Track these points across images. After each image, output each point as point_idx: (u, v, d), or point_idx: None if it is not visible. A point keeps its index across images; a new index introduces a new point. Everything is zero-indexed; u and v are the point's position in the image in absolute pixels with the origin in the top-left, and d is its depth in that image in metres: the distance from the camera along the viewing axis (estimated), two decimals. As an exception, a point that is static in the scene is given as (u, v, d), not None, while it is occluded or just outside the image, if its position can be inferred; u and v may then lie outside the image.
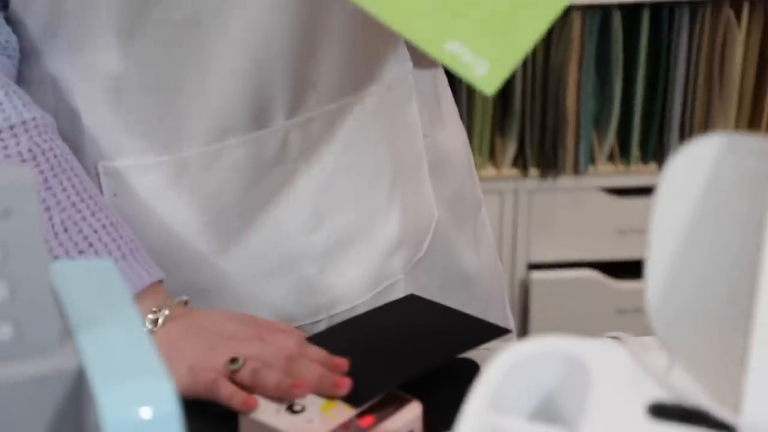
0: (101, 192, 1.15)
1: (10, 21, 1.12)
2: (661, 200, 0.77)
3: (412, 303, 1.14)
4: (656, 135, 2.02)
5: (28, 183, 0.66)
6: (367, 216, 1.23)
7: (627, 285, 2.27)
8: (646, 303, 0.79)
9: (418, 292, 1.23)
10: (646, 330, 0.79)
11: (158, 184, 1.16)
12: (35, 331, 0.69)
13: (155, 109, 1.14)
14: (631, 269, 2.24)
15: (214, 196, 1.17)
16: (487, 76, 0.84)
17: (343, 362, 0.98)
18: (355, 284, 1.24)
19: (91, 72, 1.13)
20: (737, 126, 1.86)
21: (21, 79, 1.15)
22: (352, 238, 1.22)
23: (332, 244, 1.21)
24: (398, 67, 1.25)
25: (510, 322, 1.46)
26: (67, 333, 0.71)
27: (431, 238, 1.30)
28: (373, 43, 1.21)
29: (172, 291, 1.08)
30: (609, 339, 0.83)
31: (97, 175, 1.15)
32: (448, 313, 1.10)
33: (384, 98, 1.23)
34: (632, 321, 1.07)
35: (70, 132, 1.14)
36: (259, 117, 1.15)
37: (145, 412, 0.66)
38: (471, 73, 0.84)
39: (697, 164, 0.76)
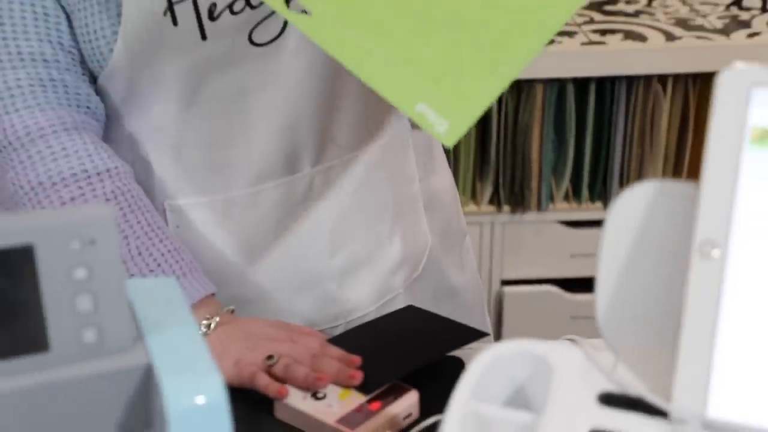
0: (167, 224, 1.15)
1: (98, 92, 1.13)
2: (607, 231, 0.77)
3: (410, 312, 1.14)
4: (601, 180, 2.03)
5: (108, 218, 0.66)
6: (374, 243, 1.22)
7: (579, 297, 2.27)
8: (596, 312, 0.79)
9: (415, 303, 1.22)
10: (595, 334, 0.80)
11: (210, 217, 1.16)
12: (114, 335, 0.69)
13: (208, 160, 1.14)
14: (582, 285, 2.25)
15: (254, 227, 1.17)
16: (446, 132, 0.87)
17: (356, 359, 0.98)
18: (366, 297, 1.24)
19: (158, 132, 1.13)
20: (664, 174, 1.87)
21: (105, 136, 1.15)
22: (363, 261, 1.22)
23: (347, 265, 1.21)
24: (398, 125, 1.25)
25: (488, 327, 1.47)
26: (139, 336, 0.70)
27: (426, 260, 1.30)
28: (379, 105, 1.19)
29: (222, 302, 1.08)
30: (566, 341, 0.83)
31: (164, 210, 1.16)
32: (439, 320, 1.10)
33: (387, 150, 1.23)
34: (584, 326, 1.07)
35: (143, 177, 1.14)
36: (290, 165, 1.15)
37: (200, 400, 0.66)
38: (434, 130, 0.88)
39: (635, 203, 0.77)
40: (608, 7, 2.13)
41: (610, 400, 0.74)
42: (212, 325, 1.02)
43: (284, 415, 0.92)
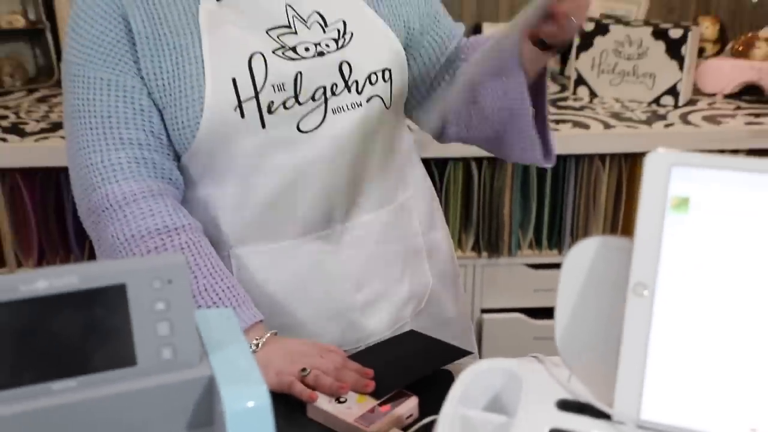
0: (231, 267, 1.15)
1: (180, 166, 1.14)
2: (563, 273, 0.77)
3: (411, 335, 1.14)
4: (557, 233, 2.03)
5: (182, 264, 0.66)
6: (389, 283, 1.22)
7: (541, 323, 2.27)
8: (555, 335, 0.78)
9: (418, 329, 1.22)
10: (554, 352, 0.79)
11: (264, 262, 1.16)
12: (185, 354, 0.68)
13: (264, 218, 1.14)
14: (543, 313, 2.24)
15: (296, 269, 1.16)
16: None
17: (369, 371, 0.98)
18: (382, 325, 1.23)
19: (226, 196, 1.14)
20: (603, 230, 1.88)
21: (183, 199, 1.16)
22: (380, 296, 1.21)
23: (368, 300, 1.20)
24: (405, 195, 1.24)
25: (474, 347, 1.46)
26: (204, 354, 0.70)
27: (428, 296, 1.29)
28: (392, 178, 1.20)
29: (269, 327, 1.07)
30: (531, 358, 0.82)
31: (228, 256, 1.16)
32: (434, 342, 1.09)
33: (398, 212, 1.22)
34: (545, 346, 1.07)
35: (213, 231, 1.15)
36: (326, 222, 1.15)
37: (250, 404, 0.66)
38: None
39: (584, 253, 0.76)
40: (560, 103, 2.15)
41: (566, 405, 0.74)
42: (259, 345, 1.01)
43: (314, 414, 0.92)
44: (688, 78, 1.86)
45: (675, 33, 1.83)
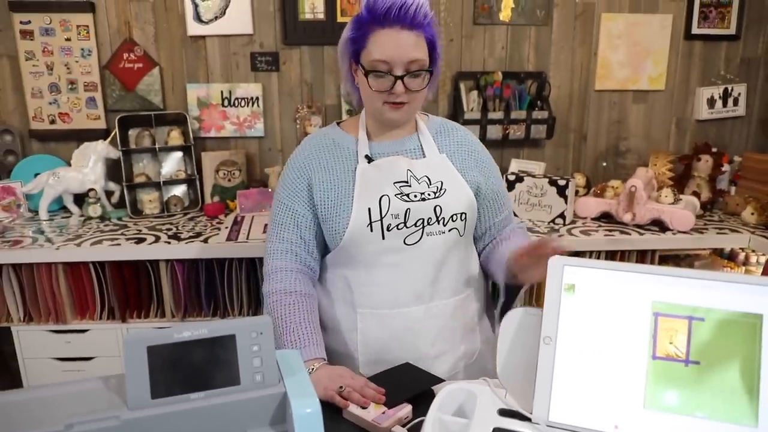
0: (357, 321, 1.08)
1: (330, 256, 1.11)
2: (502, 328, 0.75)
3: (408, 366, 1.07)
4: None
5: (268, 322, 0.66)
6: (451, 345, 1.10)
7: None
8: (497, 367, 0.76)
9: (468, 378, 1.09)
10: (496, 377, 0.77)
11: (376, 320, 1.07)
12: (269, 378, 0.67)
13: (378, 293, 1.07)
14: None
15: (396, 327, 1.07)
16: None
17: (382, 390, 0.92)
18: (443, 371, 1.10)
19: (357, 277, 1.08)
20: (524, 303, 1.82)
21: (327, 278, 1.12)
22: (444, 353, 1.10)
23: (437, 353, 1.09)
24: (468, 290, 1.13)
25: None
26: (281, 378, 0.69)
27: (476, 356, 1.15)
28: (461, 279, 1.11)
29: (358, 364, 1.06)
30: (483, 381, 0.80)
31: (356, 313, 1.08)
32: (422, 372, 1.04)
33: (463, 300, 1.12)
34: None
35: (348, 296, 1.09)
36: (415, 300, 1.07)
37: (308, 410, 0.64)
38: None
39: (513, 317, 0.75)
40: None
41: (504, 413, 0.72)
42: (313, 369, 0.97)
43: (348, 416, 0.88)
44: (570, 208, 1.88)
45: (561, 182, 1.87)
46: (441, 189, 1.06)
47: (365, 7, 1.00)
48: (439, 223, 1.05)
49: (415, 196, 1.04)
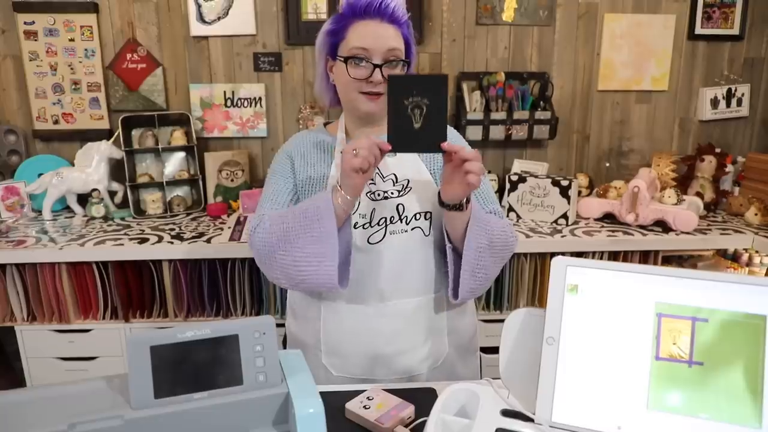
0: (319, 313, 1.06)
1: None
2: (504, 329, 0.75)
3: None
4: (499, 301, 1.94)
5: (271, 322, 0.66)
6: (412, 345, 1.06)
7: (490, 356, 2.15)
8: (500, 368, 0.76)
9: (431, 380, 1.07)
10: (498, 377, 0.77)
11: (338, 314, 1.05)
12: (272, 378, 0.67)
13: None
14: (492, 350, 2.12)
15: (355, 320, 1.04)
16: None
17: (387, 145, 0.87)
18: (402, 371, 1.06)
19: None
20: (527, 302, 1.82)
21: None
22: (403, 353, 1.05)
23: (395, 352, 1.05)
24: (438, 293, 1.08)
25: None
26: (283, 378, 0.69)
27: (443, 360, 1.09)
28: (424, 279, 1.06)
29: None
30: (485, 381, 0.80)
31: (320, 302, 1.06)
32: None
33: (428, 302, 1.07)
34: (493, 372, 1.03)
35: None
36: (378, 298, 1.04)
37: (311, 410, 0.64)
38: None
39: (516, 317, 0.75)
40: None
41: (506, 413, 0.71)
42: (335, 188, 0.93)
43: (350, 416, 0.88)
44: (573, 209, 1.87)
45: (564, 182, 1.86)
46: (406, 187, 1.04)
47: (345, 3, 1.02)
48: (401, 222, 1.03)
49: (379, 194, 1.03)
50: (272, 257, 1.00)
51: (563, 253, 1.83)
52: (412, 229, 1.04)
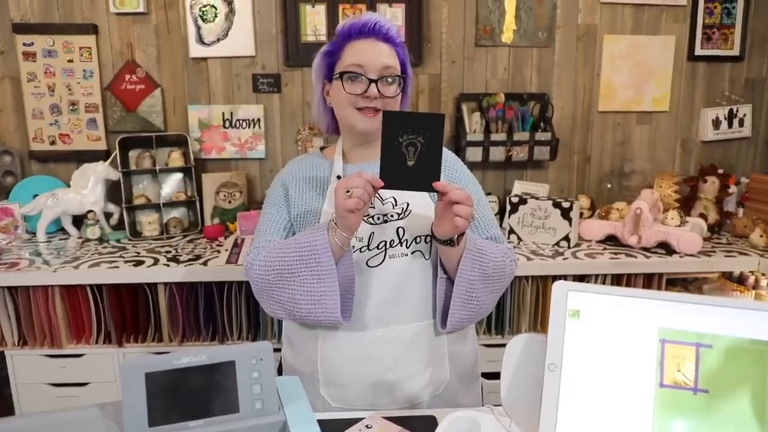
0: (317, 342, 1.05)
1: None
2: (506, 355, 0.75)
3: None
4: (500, 325, 1.93)
5: (268, 348, 0.66)
6: (413, 372, 1.04)
7: (491, 382, 2.12)
8: (501, 394, 0.76)
9: (432, 408, 1.05)
10: (500, 403, 0.76)
11: (335, 341, 1.04)
12: (269, 405, 0.67)
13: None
14: (493, 376, 2.10)
15: (354, 348, 1.03)
16: None
17: (380, 182, 0.89)
18: (403, 399, 1.05)
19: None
20: (528, 326, 1.82)
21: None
22: (405, 380, 1.04)
23: (396, 380, 1.04)
24: (433, 314, 1.06)
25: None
26: (281, 406, 0.68)
27: (444, 387, 1.08)
28: (424, 304, 1.05)
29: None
30: (486, 408, 0.79)
31: (316, 332, 1.05)
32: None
33: (428, 327, 1.06)
34: (494, 399, 1.01)
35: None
36: (375, 324, 1.03)
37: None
38: None
39: (518, 343, 0.75)
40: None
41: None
42: (330, 222, 0.94)
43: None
44: (574, 230, 1.88)
45: (565, 204, 1.87)
46: (406, 210, 1.04)
47: (340, 27, 1.05)
48: (402, 245, 1.03)
49: (378, 218, 1.03)
50: (270, 293, 1.01)
51: (565, 277, 1.85)
52: (413, 252, 1.03)
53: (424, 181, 0.89)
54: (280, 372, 1.18)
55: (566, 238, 1.87)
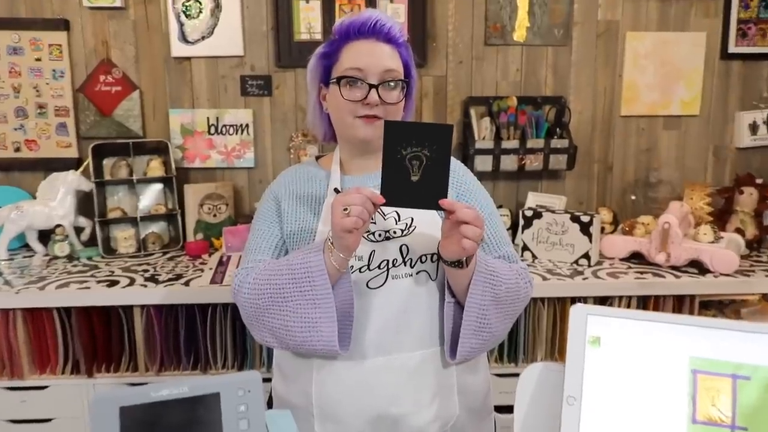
0: (311, 372, 1.04)
1: None
2: (519, 386, 0.75)
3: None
4: (513, 353, 1.92)
5: (257, 379, 0.66)
6: (418, 406, 1.04)
7: (504, 416, 2.10)
8: (514, 428, 0.76)
9: None
10: None
11: (334, 373, 1.03)
12: (257, 442, 0.67)
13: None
14: (506, 409, 2.08)
15: (354, 380, 1.03)
16: None
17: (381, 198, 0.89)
18: None
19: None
20: (545, 353, 1.81)
21: None
22: (409, 414, 1.03)
23: (400, 414, 1.03)
24: (440, 341, 1.06)
25: None
26: (270, 443, 0.68)
27: (453, 422, 1.07)
28: (430, 330, 1.04)
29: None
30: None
31: (311, 363, 1.04)
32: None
33: (434, 355, 1.05)
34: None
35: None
36: (375, 351, 1.03)
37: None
38: None
39: (532, 373, 0.75)
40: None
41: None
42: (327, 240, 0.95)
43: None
44: (595, 247, 1.89)
45: (585, 218, 1.88)
46: (410, 226, 1.04)
47: (338, 26, 1.05)
48: (405, 265, 1.02)
49: (380, 234, 1.03)
50: (260, 319, 1.01)
51: (585, 299, 1.85)
52: (417, 272, 1.03)
53: (430, 199, 0.89)
54: (270, 405, 1.18)
55: (586, 256, 1.88)
